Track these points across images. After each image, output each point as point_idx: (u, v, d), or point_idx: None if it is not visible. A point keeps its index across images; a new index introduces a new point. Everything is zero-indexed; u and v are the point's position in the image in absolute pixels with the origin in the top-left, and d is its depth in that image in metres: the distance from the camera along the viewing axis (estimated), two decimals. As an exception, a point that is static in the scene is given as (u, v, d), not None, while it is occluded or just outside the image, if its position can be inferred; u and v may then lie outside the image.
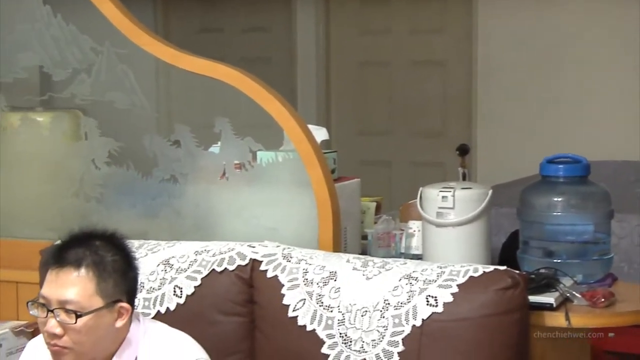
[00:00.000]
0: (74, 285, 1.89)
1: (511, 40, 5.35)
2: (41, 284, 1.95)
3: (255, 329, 2.41)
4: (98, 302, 1.90)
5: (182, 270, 2.47)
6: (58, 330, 1.88)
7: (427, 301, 2.21)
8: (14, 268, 3.02)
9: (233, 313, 2.41)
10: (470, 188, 2.68)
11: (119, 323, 1.95)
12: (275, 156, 2.77)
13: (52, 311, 1.89)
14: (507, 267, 2.29)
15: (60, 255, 1.92)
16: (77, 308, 1.88)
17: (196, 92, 2.97)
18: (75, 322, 1.87)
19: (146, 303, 2.45)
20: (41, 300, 1.91)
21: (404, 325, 2.21)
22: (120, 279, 1.95)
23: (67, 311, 1.88)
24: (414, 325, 2.20)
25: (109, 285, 1.92)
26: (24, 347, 2.24)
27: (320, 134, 2.93)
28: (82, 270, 1.90)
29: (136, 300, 2.40)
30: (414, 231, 2.84)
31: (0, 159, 3.17)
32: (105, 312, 1.92)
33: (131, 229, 2.85)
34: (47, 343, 1.92)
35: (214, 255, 2.47)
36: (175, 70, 2.88)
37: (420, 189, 2.76)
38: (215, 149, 2.89)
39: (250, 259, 2.44)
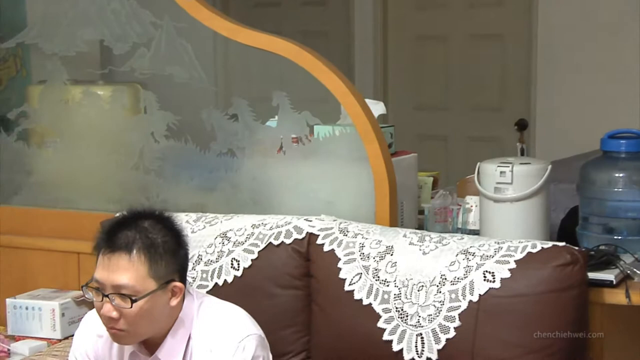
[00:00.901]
0: (126, 271, 1.90)
1: (571, 12, 5.25)
2: (95, 264, 1.97)
3: (311, 302, 2.42)
4: (151, 285, 1.92)
5: (239, 243, 2.49)
6: (114, 314, 1.91)
7: (485, 277, 2.20)
8: (75, 239, 3.08)
9: (290, 286, 2.43)
10: (528, 163, 2.65)
11: (173, 302, 1.97)
12: (332, 130, 2.77)
13: (107, 296, 1.91)
14: (566, 243, 2.27)
15: (111, 240, 1.92)
16: (132, 292, 1.90)
17: (254, 66, 2.98)
18: (131, 307, 1.89)
19: (204, 275, 2.48)
20: (95, 285, 1.93)
21: (460, 301, 2.20)
22: (172, 259, 1.96)
23: (122, 296, 1.89)
24: (470, 301, 2.19)
25: (161, 267, 1.93)
26: (84, 317, 2.28)
27: (377, 108, 2.92)
28: (134, 255, 1.90)
29: (194, 272, 2.45)
30: (471, 206, 2.82)
31: (62, 131, 3.23)
32: (159, 293, 1.93)
33: (189, 202, 2.90)
34: (105, 326, 1.94)
35: (271, 228, 2.49)
36: (234, 44, 2.89)
37: (478, 164, 2.74)
38: (272, 122, 2.90)
39: (307, 232, 2.45)
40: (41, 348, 2.85)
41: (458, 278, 2.22)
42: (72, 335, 2.37)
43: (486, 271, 2.20)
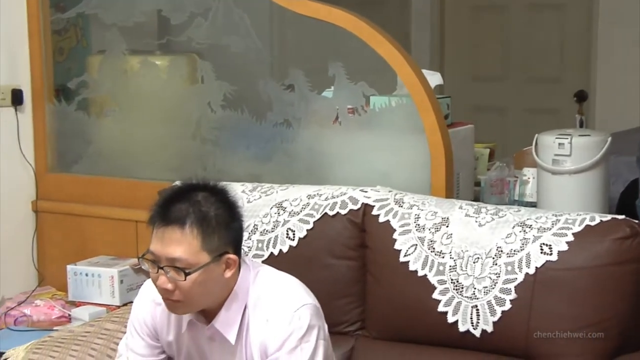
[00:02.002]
0: (180, 244, 1.90)
1: (635, -18, 5.13)
2: (150, 235, 1.98)
3: (366, 273, 2.42)
4: (205, 258, 1.92)
5: (295, 213, 2.50)
6: (169, 286, 1.92)
7: (541, 249, 2.18)
8: (133, 207, 3.12)
9: (345, 257, 2.43)
10: (588, 135, 2.62)
11: (228, 273, 1.97)
12: (388, 101, 2.76)
13: (162, 268, 1.92)
14: (625, 216, 2.24)
15: (165, 213, 1.93)
16: (185, 265, 1.90)
17: (310, 36, 2.97)
18: (185, 280, 1.90)
19: (259, 245, 2.50)
20: (151, 257, 1.94)
21: (517, 273, 2.18)
22: (225, 232, 1.96)
23: (176, 269, 1.90)
24: (527, 273, 2.17)
25: (214, 240, 1.93)
26: (142, 284, 2.32)
27: (434, 79, 2.90)
28: (187, 228, 1.90)
29: (250, 242, 2.47)
30: (529, 178, 2.80)
31: (121, 101, 3.27)
32: (212, 266, 1.94)
33: (245, 172, 2.92)
34: (160, 295, 1.97)
35: (326, 199, 2.49)
36: (290, 14, 2.89)
37: (536, 135, 2.71)
38: (328, 93, 2.90)
39: (363, 203, 2.45)
40: (100, 314, 2.90)
41: (514, 250, 2.20)
42: (131, 302, 2.41)
43: (543, 244, 2.18)
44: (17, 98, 3.27)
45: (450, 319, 2.24)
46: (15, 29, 3.28)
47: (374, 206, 2.43)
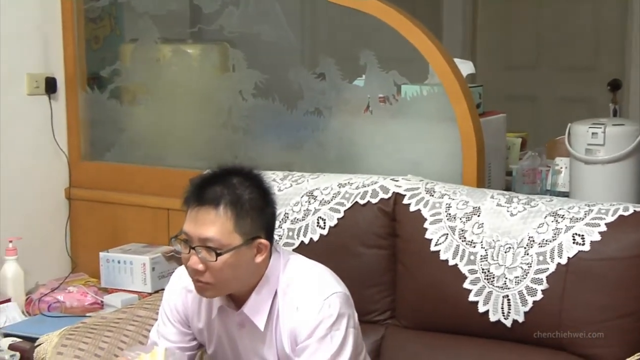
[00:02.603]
0: (213, 224, 1.92)
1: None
2: (184, 218, 2.01)
3: (397, 262, 2.42)
4: (237, 240, 1.93)
5: (325, 202, 2.50)
6: (200, 267, 1.93)
7: (574, 239, 2.16)
8: (165, 195, 3.14)
9: (375, 246, 2.43)
10: (622, 124, 2.59)
11: (258, 258, 1.98)
12: (420, 90, 2.75)
13: (194, 248, 1.93)
14: (660, 207, 2.22)
15: (200, 194, 1.94)
16: (217, 246, 1.92)
17: (341, 25, 2.97)
18: (216, 260, 1.92)
19: (290, 233, 2.50)
20: (183, 237, 1.96)
21: (548, 263, 2.17)
22: (258, 216, 1.97)
23: (208, 249, 1.92)
24: (559, 263, 2.16)
25: (246, 223, 1.94)
26: (173, 272, 2.33)
27: (465, 67, 2.89)
28: (221, 209, 1.92)
29: (280, 230, 2.47)
30: (561, 168, 2.78)
31: (153, 89, 3.28)
32: (244, 249, 1.95)
33: (276, 160, 2.92)
34: (191, 278, 1.99)
35: (357, 188, 2.49)
36: (321, 3, 2.89)
37: (569, 124, 2.69)
38: (359, 82, 2.89)
39: (393, 192, 2.44)
40: (132, 301, 2.93)
41: (546, 240, 2.19)
42: (162, 290, 2.42)
43: (576, 234, 2.16)
44: (50, 86, 3.30)
45: (481, 308, 2.23)
46: (50, 18, 3.30)
47: (405, 195, 2.42)
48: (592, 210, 2.20)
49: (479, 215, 2.30)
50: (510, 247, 2.22)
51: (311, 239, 2.48)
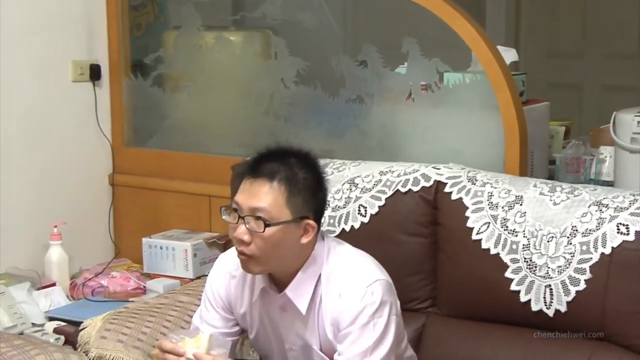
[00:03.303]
0: (266, 195, 1.94)
1: None
2: (233, 195, 2.02)
3: (438, 250, 2.42)
4: (286, 215, 1.95)
5: (366, 189, 2.50)
6: (246, 237, 1.95)
7: (618, 229, 2.14)
8: (207, 182, 3.16)
9: (416, 234, 2.43)
10: (668, 113, 2.55)
11: (304, 239, 1.99)
12: (462, 78, 2.73)
13: (243, 218, 1.95)
14: None
15: (256, 167, 1.97)
16: (267, 217, 1.93)
17: (383, 12, 2.96)
18: (264, 231, 1.93)
19: (331, 221, 2.51)
20: (234, 206, 1.98)
21: (592, 253, 2.15)
22: (310, 197, 1.98)
23: (257, 219, 1.93)
24: (602, 253, 2.14)
25: (298, 201, 1.96)
26: (215, 258, 2.35)
27: (509, 55, 2.86)
28: (275, 183, 1.94)
29: (322, 219, 2.47)
30: (605, 157, 2.75)
31: (195, 76, 3.30)
32: (292, 226, 1.96)
33: (317, 148, 2.88)
34: (236, 249, 2.00)
35: (398, 175, 2.48)
36: (364, -10, 2.88)
37: (614, 113, 2.66)
38: (401, 69, 2.88)
39: (435, 180, 2.44)
40: (175, 286, 2.95)
41: (590, 230, 2.17)
42: (204, 275, 2.45)
43: (620, 223, 2.14)
44: (95, 73, 3.33)
45: (523, 298, 2.22)
46: (94, 5, 3.33)
47: (447, 183, 2.41)
48: (637, 199, 2.17)
49: (521, 204, 2.28)
50: (553, 237, 2.21)
51: (352, 226, 2.48)
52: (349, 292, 1.97)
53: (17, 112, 3.09)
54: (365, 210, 2.48)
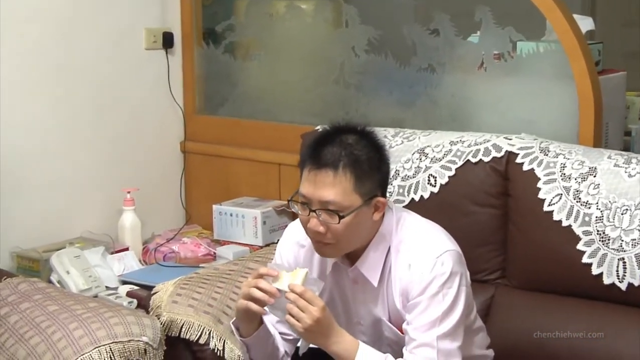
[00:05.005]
0: (333, 187, 1.92)
1: None
2: (300, 178, 2.00)
3: (508, 221, 2.39)
4: (357, 201, 1.94)
5: (436, 159, 2.48)
6: (321, 229, 1.94)
7: (695, 203, 2.09)
8: (277, 150, 3.18)
9: (487, 204, 2.41)
10: None
11: (376, 216, 1.99)
12: (536, 47, 2.68)
13: (314, 211, 1.94)
14: None
15: (317, 156, 1.94)
16: (338, 208, 1.92)
17: (457, -21, 2.92)
18: (338, 223, 1.92)
19: (400, 190, 2.50)
20: (302, 200, 1.96)
21: (667, 227, 2.11)
22: (375, 175, 1.97)
23: (329, 212, 1.92)
24: (678, 227, 2.10)
25: (366, 183, 1.94)
26: (285, 225, 2.36)
27: (585, 24, 2.80)
28: (340, 172, 1.92)
29: (391, 187, 2.48)
30: (683, 129, 2.68)
31: (266, 45, 3.31)
32: (364, 209, 1.95)
33: (388, 117, 2.91)
34: (310, 238, 2.00)
35: (469, 146, 2.46)
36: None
37: (694, 83, 2.59)
38: (474, 38, 2.84)
39: (506, 151, 2.41)
40: (244, 253, 2.98)
41: (665, 203, 2.12)
42: (273, 243, 2.46)
43: (697, 197, 2.09)
44: (168, 41, 3.36)
45: (595, 270, 2.19)
46: (166, -26, 3.36)
47: (518, 154, 2.39)
48: None
49: (595, 176, 2.25)
50: (627, 209, 2.17)
51: (422, 196, 2.47)
52: (419, 263, 1.96)
53: (94, 80, 3.14)
54: (435, 180, 2.46)
